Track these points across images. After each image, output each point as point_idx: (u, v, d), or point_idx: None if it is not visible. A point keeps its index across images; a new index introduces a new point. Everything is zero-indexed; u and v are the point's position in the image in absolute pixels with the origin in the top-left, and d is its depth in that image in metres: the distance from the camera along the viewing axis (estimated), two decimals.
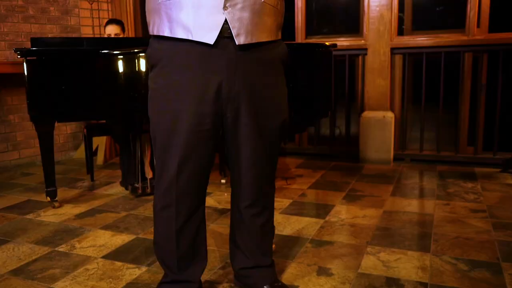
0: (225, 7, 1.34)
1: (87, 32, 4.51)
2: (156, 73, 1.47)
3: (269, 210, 1.71)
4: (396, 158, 4.01)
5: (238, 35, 1.37)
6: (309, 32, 4.22)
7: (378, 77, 3.89)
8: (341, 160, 4.13)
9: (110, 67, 2.41)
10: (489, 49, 3.65)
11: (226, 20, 1.35)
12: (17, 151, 4.20)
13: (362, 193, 3.15)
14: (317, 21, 4.37)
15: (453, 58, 3.78)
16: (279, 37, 1.54)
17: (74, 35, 4.46)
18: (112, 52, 2.29)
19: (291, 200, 3.01)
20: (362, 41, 3.93)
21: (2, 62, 3.84)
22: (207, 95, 1.40)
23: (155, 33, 1.46)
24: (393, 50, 3.86)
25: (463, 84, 3.78)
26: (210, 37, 1.36)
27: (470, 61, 3.74)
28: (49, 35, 4.28)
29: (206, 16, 1.35)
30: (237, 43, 1.37)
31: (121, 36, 3.65)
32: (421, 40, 3.79)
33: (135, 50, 2.29)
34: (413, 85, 4.04)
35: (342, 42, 4.04)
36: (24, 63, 2.36)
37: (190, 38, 1.37)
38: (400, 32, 3.94)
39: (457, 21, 3.82)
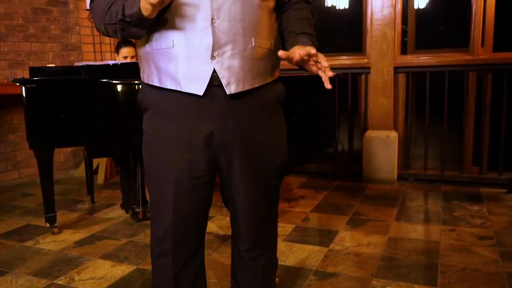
0: (212, 57, 1.28)
1: (88, 49, 4.49)
2: (147, 117, 1.43)
3: (271, 248, 1.65)
4: (400, 177, 3.97)
5: (228, 84, 1.31)
6: None
7: (381, 96, 3.85)
8: (344, 179, 4.09)
9: (109, 95, 2.38)
10: (493, 68, 3.61)
11: (215, 69, 1.29)
12: (17, 171, 4.16)
13: (366, 217, 3.10)
14: (319, 39, 4.34)
15: (457, 76, 3.74)
16: (276, 76, 1.47)
17: (75, 53, 4.44)
18: (111, 81, 2.26)
19: (294, 226, 2.96)
20: (365, 60, 3.89)
21: (2, 84, 3.81)
22: (197, 143, 1.35)
23: (145, 81, 1.42)
24: (397, 69, 3.83)
25: (467, 103, 3.74)
26: (199, 88, 1.30)
27: (474, 80, 3.70)
28: (50, 54, 4.26)
29: (194, 67, 1.29)
30: (227, 93, 1.31)
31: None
32: (425, 59, 3.75)
33: (135, 82, 2.25)
34: (417, 103, 4.00)
35: (345, 61, 4.01)
36: (23, 92, 2.33)
37: (179, 89, 1.32)
38: (404, 50, 3.90)
39: (461, 39, 3.78)
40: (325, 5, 4.42)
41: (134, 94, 2.24)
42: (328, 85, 1.26)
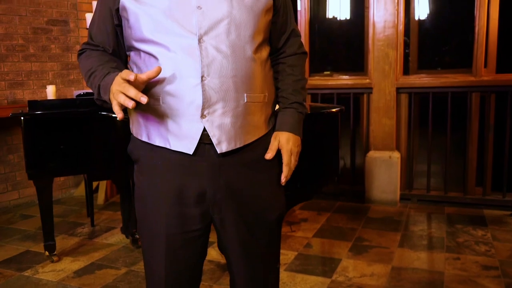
0: (202, 115, 1.24)
1: None
2: (138, 169, 1.38)
3: None
4: (403, 198, 3.93)
5: (219, 143, 1.26)
6: (312, 70, 4.16)
7: (383, 117, 3.82)
8: (346, 199, 4.05)
9: (108, 127, 2.35)
10: (497, 90, 3.58)
11: (205, 128, 1.25)
12: (16, 191, 4.13)
13: (369, 243, 3.06)
14: (321, 59, 4.32)
15: (460, 97, 3.71)
16: (270, 126, 1.42)
17: (75, 72, 4.41)
18: (110, 115, 2.23)
19: (296, 253, 2.92)
20: (367, 80, 3.86)
21: (2, 107, 3.78)
22: (189, 199, 1.30)
23: (133, 134, 1.38)
24: (399, 90, 3.80)
25: (470, 123, 3.71)
26: (189, 147, 1.26)
27: (477, 100, 3.67)
28: (50, 73, 4.24)
29: (183, 125, 1.25)
30: (218, 152, 1.27)
31: None
32: (427, 80, 3.72)
33: None
34: (420, 123, 3.97)
35: (347, 81, 3.98)
36: (22, 123, 2.31)
37: (168, 147, 1.28)
38: (406, 69, 3.87)
39: (464, 60, 3.75)
40: (327, 16, 4.39)
41: None
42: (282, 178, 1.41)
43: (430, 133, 3.79)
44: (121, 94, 1.12)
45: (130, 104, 1.11)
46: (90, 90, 2.75)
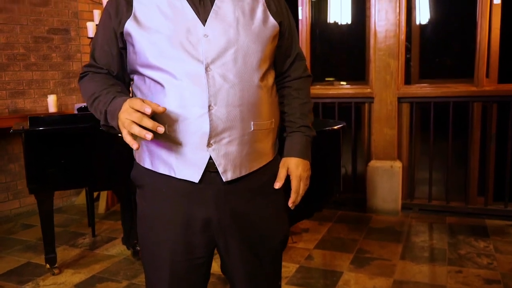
0: (209, 144, 1.22)
1: None
2: (142, 195, 1.37)
3: None
4: (404, 207, 3.92)
5: (225, 171, 1.25)
6: (313, 79, 4.14)
7: (385, 126, 3.81)
8: (348, 208, 4.04)
9: (109, 142, 2.35)
10: (499, 100, 3.57)
11: (211, 157, 1.24)
12: (17, 200, 4.13)
13: (370, 255, 3.05)
14: (322, 67, 4.31)
15: (462, 106, 3.70)
16: (276, 151, 1.42)
17: (76, 80, 4.41)
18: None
19: (297, 265, 2.92)
20: (368, 89, 3.86)
21: (3, 117, 3.77)
22: (194, 227, 1.29)
23: (136, 160, 1.37)
24: (400, 99, 3.79)
25: (472, 133, 3.70)
26: (194, 176, 1.25)
27: (479, 110, 3.66)
28: (51, 82, 4.23)
29: (189, 154, 1.24)
30: (224, 180, 1.26)
31: None
32: (429, 90, 3.71)
33: None
34: (421, 132, 3.96)
35: (348, 90, 3.98)
36: (22, 138, 2.31)
37: (172, 175, 1.26)
38: (407, 78, 3.87)
39: (466, 69, 3.75)
40: (328, 25, 4.39)
41: None
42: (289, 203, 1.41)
43: (431, 142, 3.79)
44: (134, 124, 1.09)
45: (149, 136, 1.07)
46: None
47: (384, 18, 3.68)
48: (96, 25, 4.21)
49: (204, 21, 1.25)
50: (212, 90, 1.21)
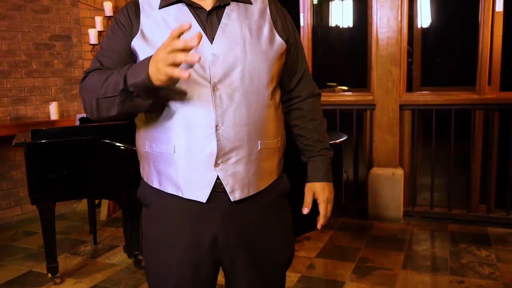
0: (216, 164, 1.22)
1: None
2: (148, 214, 1.37)
3: None
4: (406, 214, 3.92)
5: (232, 191, 1.25)
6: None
7: (386, 134, 3.81)
8: (350, 215, 4.03)
9: (111, 154, 2.35)
10: (500, 108, 3.56)
11: (218, 177, 1.24)
12: (19, 207, 4.13)
13: (372, 264, 3.05)
14: (324, 74, 4.31)
15: (463, 113, 3.70)
16: (281, 168, 1.42)
17: (77, 87, 4.40)
18: (114, 143, 2.23)
19: (299, 275, 2.91)
20: (370, 96, 3.85)
21: (4, 125, 3.77)
22: (201, 247, 1.29)
23: (144, 179, 1.36)
24: (402, 107, 3.78)
25: (474, 140, 3.69)
26: (202, 196, 1.25)
27: (481, 118, 3.65)
28: (53, 88, 4.24)
29: (196, 174, 1.23)
30: (232, 200, 1.26)
31: None
32: (431, 97, 3.71)
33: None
34: (423, 140, 3.96)
35: (350, 97, 3.97)
36: (24, 151, 2.31)
37: (180, 195, 1.26)
38: (409, 85, 3.87)
39: (467, 76, 3.74)
40: (330, 32, 4.39)
41: (135, 153, 2.22)
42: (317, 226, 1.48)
43: (433, 149, 3.78)
44: (180, 52, 0.99)
45: (187, 73, 0.98)
46: None
47: (386, 25, 3.68)
48: (98, 31, 4.24)
49: (211, 39, 1.25)
50: (219, 110, 1.21)
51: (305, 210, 1.43)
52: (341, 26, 4.48)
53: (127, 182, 2.48)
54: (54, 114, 3.99)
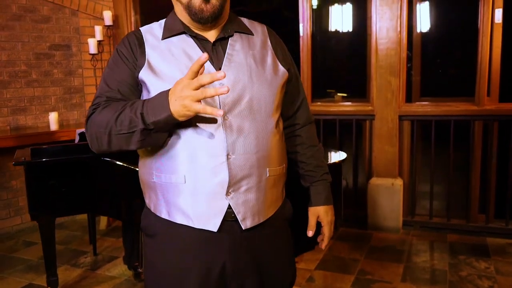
0: (228, 193, 1.23)
1: (90, 91, 4.48)
2: (152, 244, 1.35)
3: None
4: (406, 224, 3.92)
5: (244, 219, 1.26)
6: (315, 95, 4.16)
7: (386, 144, 3.81)
8: (349, 225, 4.04)
9: (111, 171, 2.36)
10: (500, 119, 3.57)
11: (229, 205, 1.24)
12: (19, 216, 4.14)
13: (371, 277, 3.06)
14: (324, 84, 4.32)
15: (463, 124, 3.71)
16: (284, 194, 1.44)
17: (77, 96, 4.42)
18: (114, 161, 2.23)
19: None
20: (370, 107, 3.86)
21: (4, 136, 3.77)
22: (210, 275, 1.29)
23: (151, 210, 1.35)
24: (401, 117, 3.79)
25: (473, 151, 3.70)
26: (213, 225, 1.25)
27: (480, 128, 3.67)
28: (52, 98, 4.24)
29: (207, 203, 1.24)
30: (243, 228, 1.27)
31: None
32: (430, 108, 3.71)
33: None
34: (422, 149, 3.97)
35: (349, 107, 3.98)
36: (24, 169, 2.33)
37: (190, 225, 1.26)
38: (408, 95, 3.87)
39: (467, 87, 3.75)
40: (329, 42, 4.40)
41: (134, 171, 2.23)
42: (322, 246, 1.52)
43: (432, 159, 3.79)
44: (208, 88, 1.05)
45: (221, 112, 1.06)
46: None
47: (385, 36, 3.68)
48: (98, 41, 4.24)
49: (218, 68, 1.26)
50: (229, 139, 1.22)
51: (310, 233, 1.49)
52: (340, 31, 4.49)
53: (127, 197, 2.49)
54: (53, 124, 3.99)
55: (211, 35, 1.30)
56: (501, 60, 3.52)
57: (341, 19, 4.55)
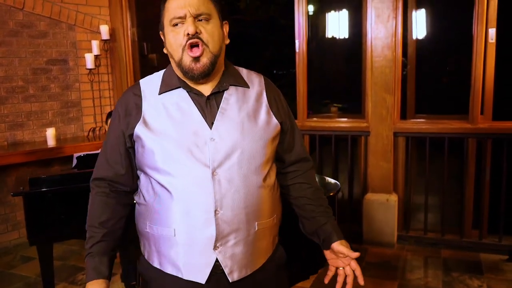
0: (215, 247, 1.27)
1: (87, 104, 4.50)
2: None
3: None
4: (400, 238, 3.97)
5: (231, 272, 1.30)
6: (311, 108, 4.19)
7: (381, 160, 3.85)
8: (345, 239, 4.07)
9: None
10: (493, 137, 3.61)
11: (217, 259, 1.28)
12: (17, 231, 4.16)
13: None
14: (319, 100, 4.35)
15: (457, 141, 3.75)
16: (276, 242, 1.46)
17: (75, 110, 4.44)
18: None
19: None
20: (365, 124, 3.90)
21: (3, 154, 3.78)
22: None
23: (145, 257, 1.41)
24: (396, 134, 3.83)
25: (467, 167, 3.74)
26: (201, 277, 1.29)
27: (474, 146, 3.71)
28: (50, 112, 4.26)
29: (196, 256, 1.28)
30: (230, 281, 1.30)
31: None
32: (424, 126, 3.75)
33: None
34: (417, 166, 4.01)
35: (345, 123, 4.02)
36: (23, 200, 2.36)
37: (180, 276, 1.31)
38: (403, 111, 3.91)
39: (461, 104, 3.79)
40: (325, 54, 4.43)
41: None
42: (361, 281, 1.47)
43: (427, 175, 3.83)
44: None
45: None
46: (90, 152, 2.78)
47: (380, 54, 3.72)
48: (95, 55, 4.26)
49: (210, 124, 1.29)
50: (218, 195, 1.25)
51: (354, 255, 1.48)
52: (337, 42, 4.52)
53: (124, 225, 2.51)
54: (51, 140, 4.01)
55: (206, 89, 1.34)
56: (494, 78, 3.56)
57: (337, 32, 4.58)
